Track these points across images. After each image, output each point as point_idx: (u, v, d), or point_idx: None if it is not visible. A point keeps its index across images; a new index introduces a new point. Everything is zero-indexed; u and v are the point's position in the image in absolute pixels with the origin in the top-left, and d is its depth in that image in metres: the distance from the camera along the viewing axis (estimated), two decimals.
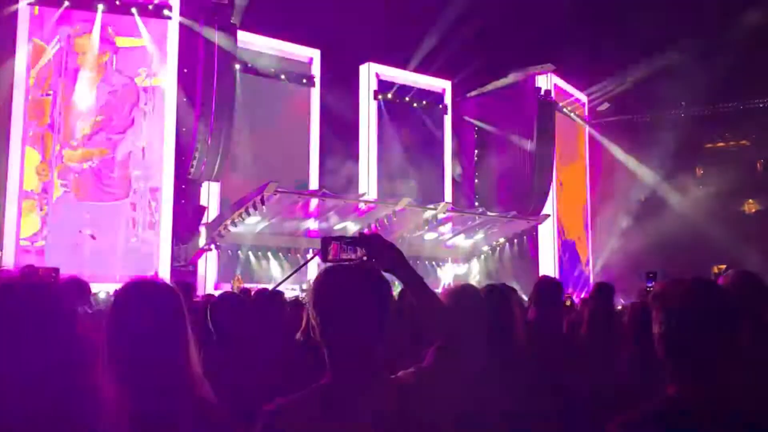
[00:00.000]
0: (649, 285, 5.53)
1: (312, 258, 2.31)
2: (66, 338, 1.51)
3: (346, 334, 1.67)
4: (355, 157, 23.13)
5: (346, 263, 1.84)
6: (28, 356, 1.44)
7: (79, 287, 3.49)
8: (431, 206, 20.56)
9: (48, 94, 16.99)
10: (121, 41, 17.69)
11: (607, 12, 22.92)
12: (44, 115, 16.91)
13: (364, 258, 1.87)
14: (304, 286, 15.80)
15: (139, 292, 1.88)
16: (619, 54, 23.15)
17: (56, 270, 5.81)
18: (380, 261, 1.86)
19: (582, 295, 15.90)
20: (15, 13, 16.59)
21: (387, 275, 1.83)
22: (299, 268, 2.34)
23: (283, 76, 21.75)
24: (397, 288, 2.65)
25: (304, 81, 22.32)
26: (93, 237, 16.21)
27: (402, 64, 24.15)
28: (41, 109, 16.93)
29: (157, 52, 17.73)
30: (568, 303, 8.03)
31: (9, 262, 15.23)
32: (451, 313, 1.91)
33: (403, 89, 24.49)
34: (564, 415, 3.02)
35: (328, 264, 1.83)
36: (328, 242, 1.91)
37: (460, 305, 2.51)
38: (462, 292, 2.82)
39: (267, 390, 3.21)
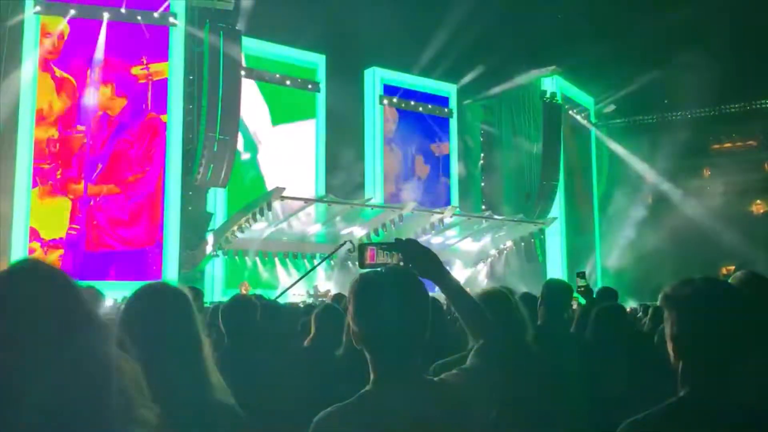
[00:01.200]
0: (580, 286, 5.52)
1: (320, 264, 2.31)
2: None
3: (389, 339, 1.66)
4: (360, 162, 23.13)
5: (380, 268, 1.83)
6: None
7: (92, 297, 3.48)
8: (438, 210, 20.51)
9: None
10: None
11: (612, 14, 22.87)
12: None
13: (401, 263, 1.86)
14: (312, 292, 15.78)
15: (149, 297, 1.93)
16: (624, 56, 23.08)
17: None
18: (417, 266, 1.85)
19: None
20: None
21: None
22: (307, 273, 2.32)
23: (288, 82, 21.78)
24: None
25: (310, 86, 22.33)
26: None
27: (407, 69, 24.14)
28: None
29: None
30: (574, 306, 8.02)
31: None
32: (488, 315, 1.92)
33: (409, 93, 24.49)
34: (573, 415, 3.04)
35: (365, 269, 1.83)
36: (364, 248, 1.91)
37: (492, 308, 2.57)
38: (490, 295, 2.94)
39: (276, 393, 3.22)
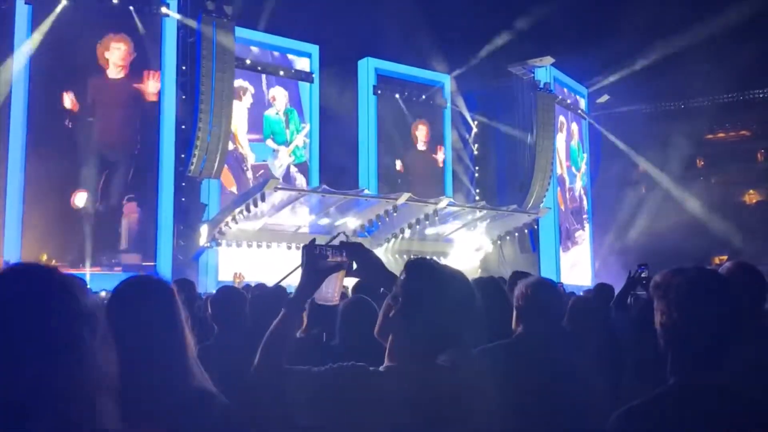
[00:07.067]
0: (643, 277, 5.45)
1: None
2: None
3: (437, 324, 1.77)
4: (354, 153, 23.10)
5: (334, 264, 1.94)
6: None
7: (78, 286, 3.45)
8: (432, 201, 20.49)
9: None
10: None
11: (606, 4, 22.85)
12: None
13: (344, 265, 1.96)
14: None
15: (134, 288, 1.95)
16: (618, 46, 23.05)
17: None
18: (362, 268, 1.98)
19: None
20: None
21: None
22: (300, 265, 2.29)
23: (281, 72, 21.70)
24: None
25: (303, 76, 22.25)
26: None
27: (401, 59, 24.05)
28: None
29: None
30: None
31: None
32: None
33: (403, 84, 24.43)
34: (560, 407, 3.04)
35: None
36: (313, 248, 1.96)
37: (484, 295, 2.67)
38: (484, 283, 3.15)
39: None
